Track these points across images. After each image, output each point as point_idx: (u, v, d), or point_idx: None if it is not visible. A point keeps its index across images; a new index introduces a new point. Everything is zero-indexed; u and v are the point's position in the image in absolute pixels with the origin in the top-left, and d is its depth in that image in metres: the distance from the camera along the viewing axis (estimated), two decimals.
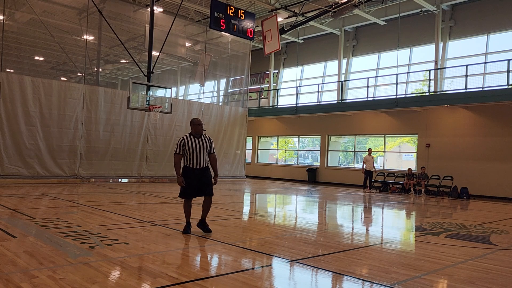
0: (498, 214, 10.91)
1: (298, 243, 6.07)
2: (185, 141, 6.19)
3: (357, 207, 11.91)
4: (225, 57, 22.16)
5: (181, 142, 6.20)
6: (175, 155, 6.27)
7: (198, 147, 6.20)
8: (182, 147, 6.19)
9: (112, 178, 16.70)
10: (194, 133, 6.29)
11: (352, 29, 21.96)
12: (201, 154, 6.22)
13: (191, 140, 6.21)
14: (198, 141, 6.24)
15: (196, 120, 6.36)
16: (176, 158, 6.23)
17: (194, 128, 6.30)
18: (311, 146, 23.79)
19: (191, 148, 6.16)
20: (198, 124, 6.29)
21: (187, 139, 6.21)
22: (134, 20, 18.89)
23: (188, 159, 6.21)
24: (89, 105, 15.83)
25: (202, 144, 6.26)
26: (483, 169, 15.71)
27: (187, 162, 6.22)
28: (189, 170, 6.22)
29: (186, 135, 6.29)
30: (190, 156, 6.19)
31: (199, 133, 6.27)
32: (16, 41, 19.31)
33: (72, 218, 7.31)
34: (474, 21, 17.75)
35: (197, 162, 6.20)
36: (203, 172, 6.30)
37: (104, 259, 4.66)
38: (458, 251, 5.93)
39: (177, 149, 6.23)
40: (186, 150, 6.18)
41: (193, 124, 6.33)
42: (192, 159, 6.18)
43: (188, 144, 6.17)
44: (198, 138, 6.26)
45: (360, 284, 4.23)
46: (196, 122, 6.31)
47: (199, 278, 4.10)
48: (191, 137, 6.24)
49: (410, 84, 19.37)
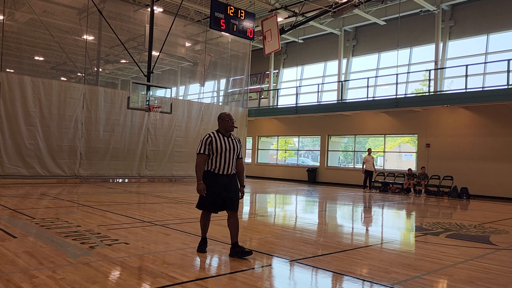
0: (498, 214, 10.91)
1: (298, 243, 6.07)
2: (213, 139, 5.00)
3: (357, 207, 11.91)
4: (225, 57, 22.16)
5: (207, 140, 5.01)
6: (198, 155, 5.01)
7: (227, 148, 5.03)
8: (208, 146, 4.99)
9: (112, 178, 16.71)
10: (222, 131, 5.13)
11: (352, 29, 21.96)
12: (230, 157, 5.04)
13: (219, 139, 5.03)
14: (228, 140, 5.08)
15: (226, 114, 5.17)
16: (201, 159, 4.99)
17: (223, 124, 5.12)
18: (311, 146, 23.80)
19: (219, 149, 4.98)
20: (228, 120, 5.12)
21: (214, 137, 5.03)
22: (134, 20, 18.89)
23: (213, 162, 5.01)
24: (89, 105, 15.83)
25: (232, 145, 5.09)
26: (483, 169, 15.71)
27: (212, 166, 5.01)
28: (213, 176, 5.01)
29: (213, 132, 5.10)
30: (217, 159, 4.99)
31: (228, 131, 5.15)
32: (16, 41, 19.30)
33: (72, 218, 7.31)
34: (474, 21, 17.75)
35: (225, 167, 5.02)
36: (231, 180, 5.09)
37: (104, 259, 4.66)
38: (458, 251, 5.93)
39: (201, 148, 5.00)
40: (213, 151, 4.99)
41: (221, 120, 5.14)
42: (218, 162, 4.99)
43: (216, 143, 4.98)
44: (227, 137, 5.12)
45: (360, 284, 4.23)
46: (226, 117, 5.13)
47: (199, 278, 4.10)
48: (220, 135, 5.08)
49: (410, 84, 19.37)
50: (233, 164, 5.10)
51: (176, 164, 18.52)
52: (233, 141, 5.13)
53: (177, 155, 18.50)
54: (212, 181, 4.99)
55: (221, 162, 4.99)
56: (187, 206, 10.00)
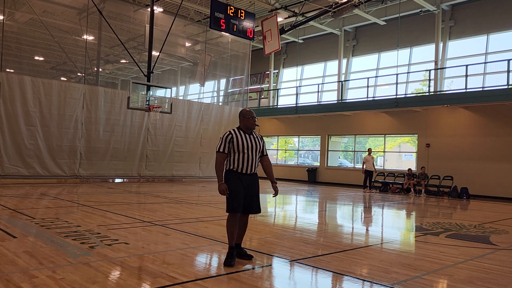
0: (498, 214, 10.91)
1: (298, 243, 6.06)
2: (233, 137, 4.76)
3: (357, 207, 11.91)
4: (225, 57, 22.16)
5: (228, 138, 4.76)
6: (218, 154, 4.76)
7: (249, 146, 4.78)
8: (229, 144, 4.74)
9: (112, 178, 16.70)
10: (244, 128, 4.88)
11: (352, 29, 21.96)
12: (253, 156, 4.80)
13: (240, 136, 4.79)
14: (250, 138, 4.84)
15: (247, 111, 4.92)
16: (220, 158, 4.76)
17: (244, 121, 4.87)
18: (311, 146, 23.80)
19: (240, 147, 4.73)
20: (250, 117, 4.86)
21: (235, 134, 4.79)
22: (134, 20, 18.89)
23: (235, 160, 4.76)
24: (89, 105, 15.83)
25: (254, 143, 4.84)
26: (483, 169, 15.71)
27: (233, 165, 4.77)
28: (235, 175, 4.77)
29: (234, 129, 4.86)
30: (239, 157, 4.75)
31: (250, 128, 4.89)
32: (16, 41, 19.30)
33: (72, 218, 7.31)
34: (474, 21, 17.75)
35: (247, 166, 4.77)
36: (255, 180, 4.89)
37: (104, 259, 4.66)
38: (458, 251, 5.93)
39: (221, 146, 4.75)
40: (234, 149, 4.75)
41: (243, 116, 4.89)
42: (240, 160, 4.75)
43: (238, 141, 4.74)
44: (249, 134, 4.87)
45: (360, 284, 4.23)
46: (247, 114, 4.88)
47: (199, 278, 4.10)
48: (241, 133, 4.83)
49: (410, 84, 19.36)
50: (257, 163, 4.87)
51: (176, 164, 18.52)
52: (255, 138, 4.88)
53: (177, 155, 18.50)
54: (234, 181, 4.73)
55: (243, 161, 4.75)
56: (187, 206, 10.00)
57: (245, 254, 4.86)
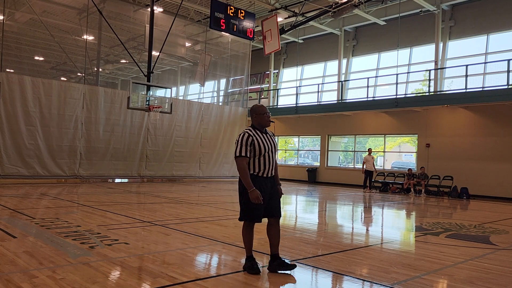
0: (498, 214, 10.91)
1: (298, 243, 6.06)
2: (254, 138, 4.26)
3: (357, 207, 11.91)
4: (225, 57, 22.16)
5: (248, 140, 4.24)
6: (239, 159, 4.22)
7: (268, 147, 4.34)
8: (250, 146, 4.24)
9: (112, 178, 16.70)
10: (258, 126, 4.41)
11: (352, 29, 21.96)
12: (272, 157, 4.39)
13: (259, 136, 4.31)
14: (267, 138, 4.39)
15: (260, 107, 4.43)
16: (244, 163, 4.22)
17: (259, 119, 4.39)
18: (311, 146, 23.80)
19: (262, 148, 4.26)
20: (264, 113, 4.38)
21: (254, 135, 4.29)
22: (134, 20, 18.89)
23: (256, 164, 4.28)
24: (89, 105, 15.83)
25: (272, 143, 4.42)
26: (483, 169, 15.70)
27: (254, 169, 4.29)
28: (260, 181, 4.30)
29: (249, 129, 4.35)
30: (260, 160, 4.28)
31: (264, 127, 4.43)
32: (16, 41, 19.32)
33: (72, 218, 7.31)
34: (474, 21, 17.75)
35: (269, 169, 4.36)
36: (274, 182, 4.51)
37: (104, 259, 4.66)
38: (458, 251, 5.93)
39: (241, 149, 4.23)
40: (255, 152, 4.26)
41: (255, 113, 4.41)
42: (262, 164, 4.29)
43: (259, 143, 4.26)
44: (264, 133, 4.41)
45: (360, 284, 4.23)
46: (261, 110, 4.39)
47: (199, 278, 4.10)
48: (257, 132, 4.35)
49: (410, 84, 19.36)
50: (275, 164, 4.47)
51: (176, 164, 18.53)
52: (271, 137, 4.46)
53: (177, 155, 18.50)
54: (259, 186, 4.26)
55: (265, 164, 4.31)
56: (187, 206, 10.00)
57: (286, 264, 4.46)
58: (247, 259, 4.44)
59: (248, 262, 4.42)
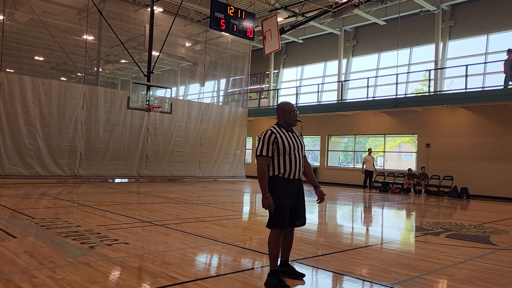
0: (498, 214, 10.91)
1: (298, 243, 6.06)
2: (278, 136, 3.94)
3: (357, 207, 11.91)
4: (225, 57, 22.16)
5: (271, 138, 3.93)
6: (260, 159, 3.93)
7: (295, 146, 4.00)
8: (272, 145, 3.93)
9: (112, 178, 16.70)
10: (284, 124, 4.09)
11: (352, 29, 21.96)
12: (299, 157, 4.04)
13: (284, 135, 3.99)
14: (293, 136, 4.06)
15: (288, 104, 4.09)
16: (264, 163, 3.93)
17: (285, 116, 4.07)
18: (311, 146, 23.79)
19: (287, 147, 3.94)
20: (291, 111, 4.06)
21: (278, 133, 3.97)
22: (134, 20, 18.88)
23: (281, 164, 3.95)
24: (89, 105, 15.83)
25: (299, 142, 4.08)
26: (483, 169, 15.70)
27: (280, 170, 3.96)
28: (282, 183, 3.96)
29: (274, 127, 4.03)
30: (285, 160, 3.95)
31: (291, 125, 4.10)
32: (16, 41, 19.28)
33: (72, 218, 7.31)
34: (474, 21, 17.75)
35: (296, 170, 4.02)
36: (300, 185, 4.19)
37: (104, 259, 4.66)
38: (458, 251, 5.93)
39: (263, 148, 3.92)
40: (279, 151, 3.94)
41: (282, 111, 4.08)
42: (288, 164, 3.96)
43: (283, 141, 3.94)
44: (290, 132, 4.09)
45: (360, 284, 4.23)
46: (288, 108, 4.06)
47: (199, 278, 4.10)
48: (282, 130, 4.03)
49: (410, 84, 19.37)
50: (303, 165, 4.14)
51: (176, 164, 18.52)
52: (298, 137, 4.13)
53: (177, 155, 18.50)
54: (282, 189, 3.94)
55: (291, 164, 3.96)
56: (187, 206, 10.00)
57: (296, 272, 4.15)
58: (273, 274, 3.85)
59: (274, 278, 3.83)
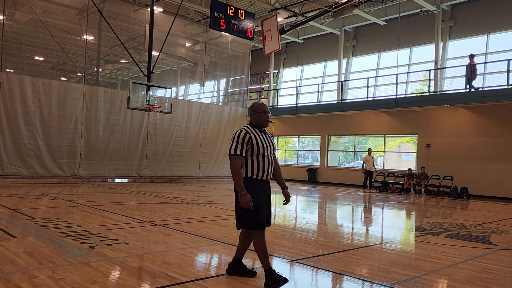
0: (498, 214, 10.91)
1: (298, 243, 6.06)
2: (252, 136, 3.94)
3: (357, 207, 11.90)
4: (225, 57, 22.16)
5: (245, 138, 3.92)
6: (234, 158, 3.90)
7: (267, 147, 4.02)
8: (246, 145, 3.92)
9: (112, 178, 16.70)
10: (256, 125, 4.09)
11: (352, 29, 21.95)
12: (271, 159, 4.08)
13: (258, 135, 4.00)
14: (265, 137, 4.07)
15: (260, 104, 4.11)
16: (238, 162, 3.90)
17: (257, 117, 4.07)
18: (311, 146, 23.79)
19: (261, 148, 3.94)
20: (261, 112, 4.06)
21: (252, 132, 3.97)
22: (134, 20, 18.88)
23: (254, 165, 3.95)
24: (89, 105, 15.83)
25: (269, 143, 4.09)
26: (483, 169, 15.70)
27: (252, 171, 3.95)
28: (257, 184, 3.97)
29: (248, 127, 4.02)
30: (258, 161, 3.95)
31: (262, 126, 4.11)
32: (16, 41, 19.27)
33: (72, 218, 7.31)
34: (474, 21, 17.75)
35: (268, 171, 4.04)
36: (269, 187, 4.19)
37: (104, 259, 4.66)
38: (458, 251, 5.93)
39: (237, 147, 3.91)
40: (252, 151, 3.93)
41: (254, 111, 4.09)
42: (261, 165, 3.97)
43: (257, 141, 3.94)
44: (263, 133, 4.10)
45: (360, 284, 4.23)
46: (261, 109, 4.07)
47: (199, 278, 4.10)
48: (256, 131, 4.03)
49: (410, 84, 19.36)
50: (277, 166, 4.24)
51: (176, 164, 18.53)
52: (269, 138, 4.13)
53: (177, 155, 18.50)
54: (260, 191, 3.95)
55: (264, 166, 3.98)
56: (187, 206, 10.00)
57: (247, 270, 4.24)
58: (269, 273, 3.89)
59: (271, 277, 3.86)
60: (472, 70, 15.81)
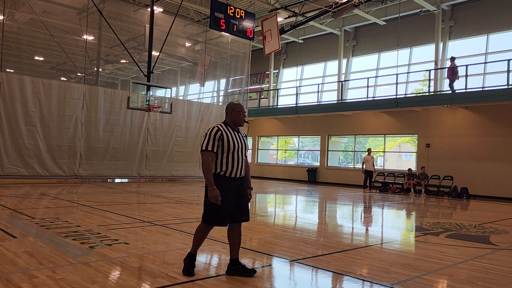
0: (498, 214, 10.91)
1: (298, 243, 6.06)
2: (223, 134, 4.08)
3: (357, 207, 11.91)
4: (225, 57, 22.16)
5: (217, 134, 4.06)
6: (205, 153, 4.03)
7: (238, 145, 4.14)
8: (218, 141, 4.05)
9: (112, 178, 16.70)
10: (231, 124, 4.23)
11: (352, 29, 21.95)
12: (241, 156, 4.17)
13: (230, 133, 4.13)
14: (238, 136, 4.20)
15: (236, 104, 4.25)
16: (209, 158, 4.03)
17: (233, 116, 4.22)
18: (311, 146, 23.79)
19: (231, 146, 4.07)
20: (239, 111, 4.21)
21: (224, 130, 4.11)
22: (134, 20, 18.88)
23: (224, 162, 4.08)
24: (89, 105, 15.83)
25: (243, 142, 4.22)
26: (483, 169, 15.71)
27: (222, 168, 4.08)
28: (225, 181, 4.08)
29: (220, 125, 4.17)
30: (228, 158, 4.08)
31: (238, 125, 4.25)
32: (16, 41, 19.29)
33: (72, 218, 7.31)
34: (474, 21, 17.75)
35: (238, 169, 4.13)
36: (242, 183, 4.25)
37: (104, 259, 4.66)
38: (458, 251, 5.93)
39: (208, 143, 4.03)
40: (223, 148, 4.07)
41: (231, 110, 4.23)
42: (230, 163, 4.08)
43: (228, 139, 4.07)
44: (236, 131, 4.24)
45: (360, 284, 4.23)
46: (236, 108, 4.22)
47: (199, 278, 4.10)
48: (229, 129, 4.17)
49: (410, 84, 19.37)
50: (244, 164, 4.24)
51: (176, 164, 18.53)
52: (243, 137, 4.25)
53: (177, 155, 18.50)
54: (225, 188, 4.05)
55: (233, 163, 4.09)
56: (187, 206, 10.00)
57: (246, 270, 4.25)
58: (189, 256, 4.24)
59: (189, 260, 4.22)
60: (453, 72, 16.28)
